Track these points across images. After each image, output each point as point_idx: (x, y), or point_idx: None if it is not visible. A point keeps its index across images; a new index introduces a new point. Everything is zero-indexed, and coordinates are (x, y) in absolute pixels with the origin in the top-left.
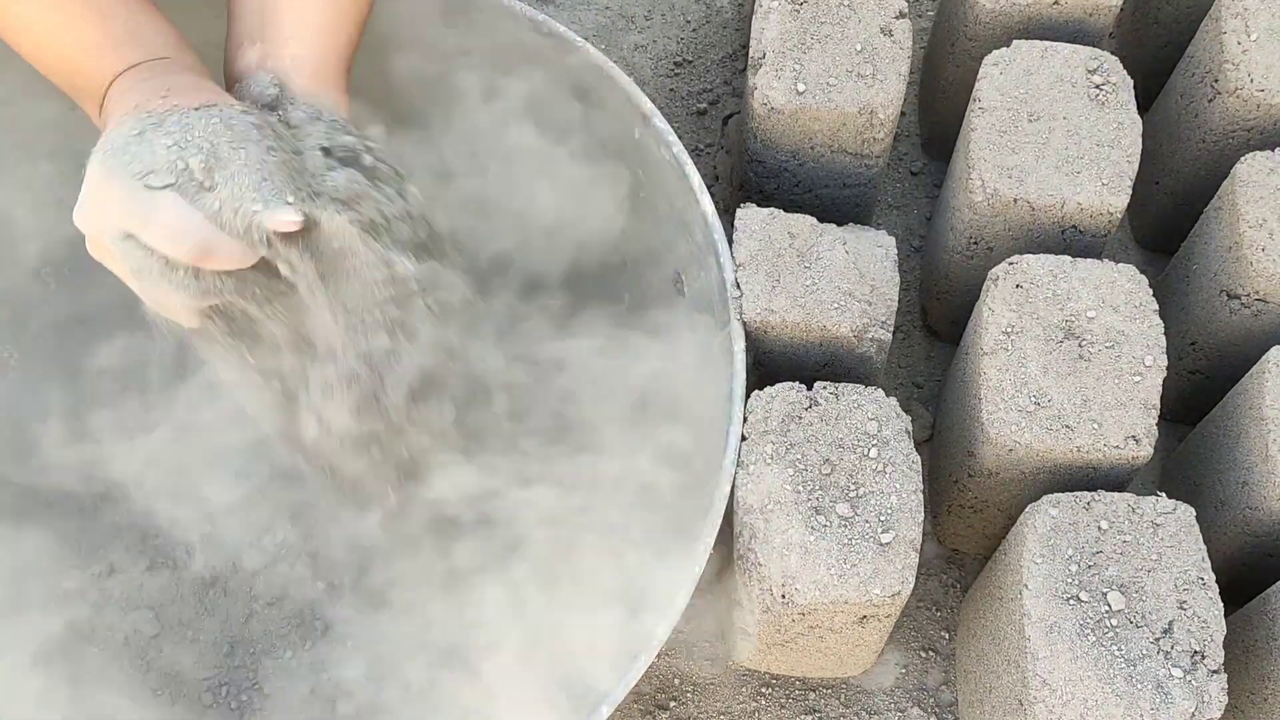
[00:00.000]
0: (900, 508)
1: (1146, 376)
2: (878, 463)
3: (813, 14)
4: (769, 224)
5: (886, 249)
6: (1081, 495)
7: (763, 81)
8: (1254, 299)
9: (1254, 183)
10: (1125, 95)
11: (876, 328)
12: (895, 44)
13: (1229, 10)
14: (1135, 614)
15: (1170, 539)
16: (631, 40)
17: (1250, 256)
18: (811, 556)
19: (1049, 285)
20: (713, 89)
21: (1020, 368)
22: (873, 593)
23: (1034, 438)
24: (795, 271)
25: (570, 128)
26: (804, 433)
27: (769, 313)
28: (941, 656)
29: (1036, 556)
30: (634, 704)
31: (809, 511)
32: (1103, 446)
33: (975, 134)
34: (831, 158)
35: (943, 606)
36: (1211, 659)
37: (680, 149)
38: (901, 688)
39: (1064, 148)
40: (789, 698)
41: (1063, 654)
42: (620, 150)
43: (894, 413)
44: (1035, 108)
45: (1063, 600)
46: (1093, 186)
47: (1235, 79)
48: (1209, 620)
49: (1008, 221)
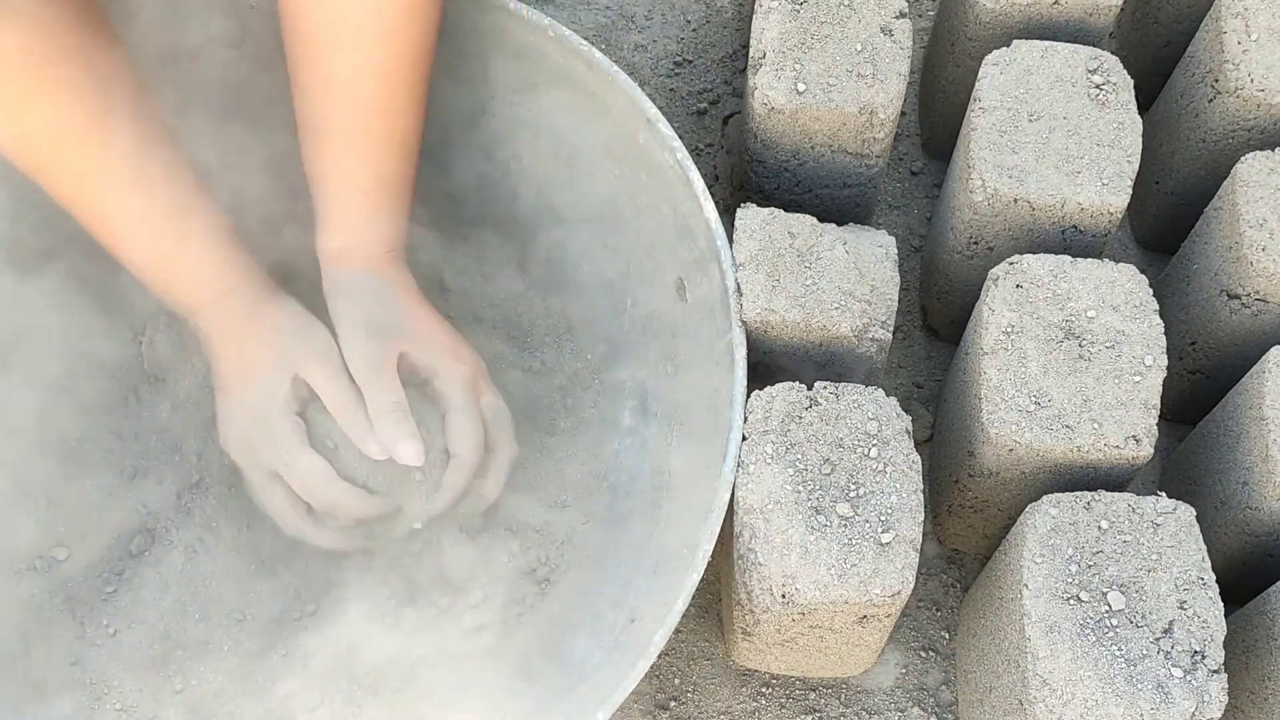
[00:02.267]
0: (900, 507)
1: (1147, 376)
2: (878, 462)
3: (813, 14)
4: (769, 224)
5: (887, 249)
6: (1082, 495)
7: (763, 81)
8: (1254, 299)
9: (1254, 183)
10: (1125, 95)
11: (876, 327)
12: (895, 44)
13: (1229, 10)
14: (1135, 614)
15: (1170, 539)
16: (631, 40)
17: (1250, 256)
18: (811, 556)
19: (1049, 285)
20: (713, 89)
21: (1020, 367)
22: (873, 592)
23: (1034, 437)
24: (795, 271)
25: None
26: (804, 432)
27: (769, 312)
28: (941, 656)
29: (1036, 556)
30: (634, 704)
31: (809, 511)
32: (1103, 446)
33: (975, 134)
34: (832, 158)
35: (943, 606)
36: (1212, 659)
37: (684, 154)
38: (901, 688)
39: (1064, 147)
40: (789, 698)
41: (1063, 654)
42: (623, 153)
43: (894, 413)
44: (1035, 108)
45: (1063, 600)
46: (1093, 186)
47: (1235, 79)
48: (1209, 620)
49: (1008, 221)
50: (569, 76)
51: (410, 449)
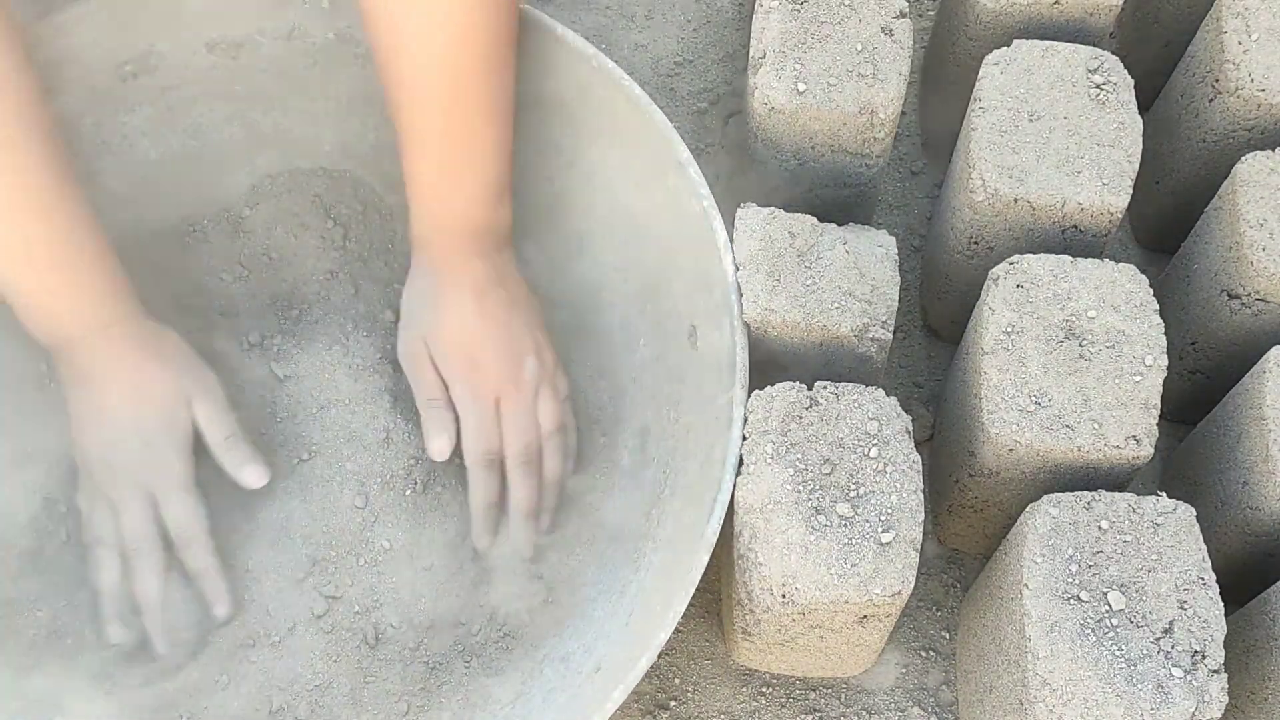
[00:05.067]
0: (900, 507)
1: (1147, 376)
2: (878, 462)
3: (813, 13)
4: (769, 223)
5: (887, 249)
6: (1082, 495)
7: (763, 81)
8: (1254, 299)
9: (1254, 182)
10: (1126, 95)
11: (877, 327)
12: (896, 43)
13: (1229, 10)
14: (1135, 614)
15: (1171, 539)
16: (631, 40)
17: (1251, 256)
18: (812, 556)
19: (1049, 285)
20: (713, 88)
21: (1020, 367)
22: (873, 592)
23: (1034, 437)
24: (795, 271)
25: None
26: (804, 432)
27: (769, 312)
28: (941, 656)
29: (1037, 556)
30: (634, 704)
31: (809, 511)
32: (1103, 446)
33: (976, 134)
34: (832, 157)
35: (943, 606)
36: (1212, 659)
37: (711, 203)
38: (901, 687)
39: (1064, 147)
40: (789, 697)
41: (1063, 654)
42: (652, 193)
43: (894, 412)
44: (1036, 107)
45: (1063, 600)
46: (1093, 186)
47: (1236, 79)
48: (1209, 620)
49: (1008, 221)
50: (609, 109)
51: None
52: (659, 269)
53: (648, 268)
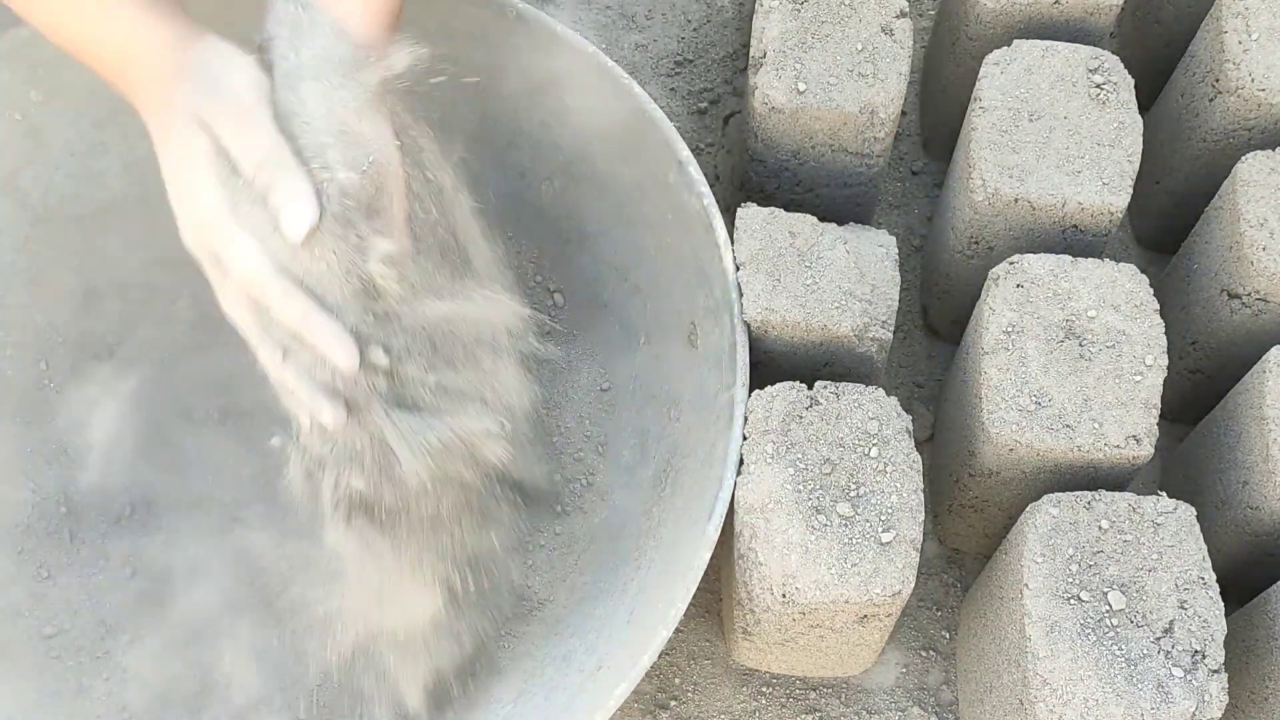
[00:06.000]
0: (901, 507)
1: (1147, 376)
2: (878, 462)
3: (813, 13)
4: (769, 223)
5: (887, 248)
6: (1082, 495)
7: (763, 81)
8: (1255, 298)
9: (1254, 182)
10: (1126, 95)
11: (877, 327)
12: (896, 43)
13: (1230, 10)
14: (1136, 613)
15: (1171, 538)
16: (631, 40)
17: (1251, 256)
18: (812, 556)
19: (1050, 285)
20: (713, 88)
21: (1021, 367)
22: (873, 592)
23: (1034, 437)
24: (796, 271)
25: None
26: (804, 432)
27: (769, 312)
28: (942, 656)
29: (1037, 556)
30: (634, 704)
31: (809, 511)
32: (1103, 446)
33: (976, 133)
34: (832, 157)
35: (943, 606)
36: (1212, 659)
37: (711, 201)
38: (902, 687)
39: (1065, 147)
40: (789, 697)
41: (1063, 653)
42: (653, 191)
43: (894, 412)
44: (1036, 107)
45: (1063, 600)
46: (1093, 186)
47: (1236, 78)
48: (1209, 620)
49: (1008, 221)
50: (608, 108)
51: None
52: (659, 268)
53: (647, 267)
